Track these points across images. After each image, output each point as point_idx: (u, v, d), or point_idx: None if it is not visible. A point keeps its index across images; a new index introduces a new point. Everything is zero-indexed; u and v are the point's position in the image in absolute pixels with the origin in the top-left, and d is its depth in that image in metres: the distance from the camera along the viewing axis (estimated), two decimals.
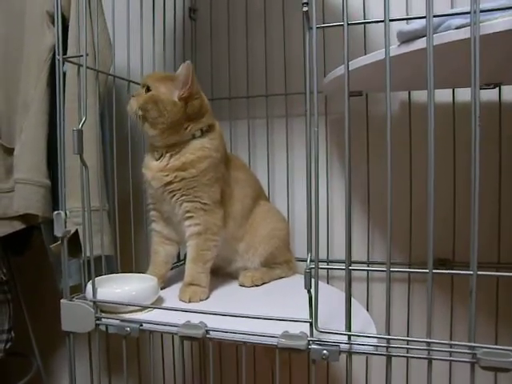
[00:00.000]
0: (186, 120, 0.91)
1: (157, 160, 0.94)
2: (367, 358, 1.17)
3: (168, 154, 0.93)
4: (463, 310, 1.15)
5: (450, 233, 1.11)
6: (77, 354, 0.83)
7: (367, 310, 1.17)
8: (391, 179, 0.60)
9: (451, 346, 0.60)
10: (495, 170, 1.07)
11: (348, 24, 0.61)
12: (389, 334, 0.63)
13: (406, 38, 0.71)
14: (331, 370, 1.24)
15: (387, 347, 0.63)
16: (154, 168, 0.93)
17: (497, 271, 1.07)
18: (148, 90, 0.90)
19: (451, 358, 0.60)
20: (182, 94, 0.89)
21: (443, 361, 0.62)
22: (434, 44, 0.58)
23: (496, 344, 1.08)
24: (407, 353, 0.62)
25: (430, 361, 0.61)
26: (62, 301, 0.81)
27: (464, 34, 0.61)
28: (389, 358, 0.63)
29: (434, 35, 0.62)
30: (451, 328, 1.14)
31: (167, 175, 0.91)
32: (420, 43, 0.69)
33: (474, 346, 0.58)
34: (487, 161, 1.06)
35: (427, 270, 0.60)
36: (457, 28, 0.64)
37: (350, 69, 0.62)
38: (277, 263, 1.06)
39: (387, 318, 0.63)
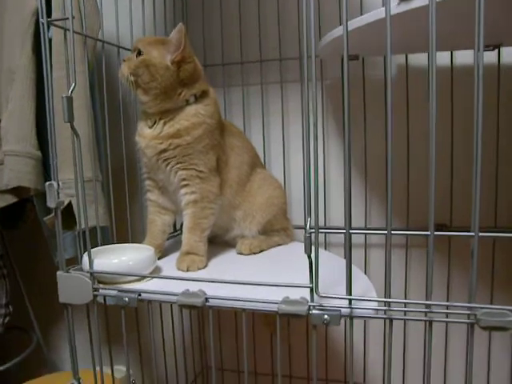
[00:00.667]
0: (179, 85, 0.89)
1: (150, 127, 0.92)
2: (365, 321, 1.18)
3: (162, 121, 0.90)
4: (460, 272, 1.16)
5: (448, 198, 1.11)
6: (76, 326, 0.82)
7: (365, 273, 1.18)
8: (391, 146, 0.59)
9: (447, 307, 0.60)
10: (493, 134, 1.06)
11: None
12: (389, 298, 0.63)
13: None
14: (329, 332, 1.25)
15: (387, 310, 0.63)
16: (147, 136, 0.91)
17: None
18: (139, 54, 0.87)
19: (451, 319, 0.60)
20: (175, 58, 0.86)
21: (443, 322, 0.62)
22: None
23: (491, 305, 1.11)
24: (405, 315, 0.62)
25: (429, 322, 0.61)
26: (58, 273, 0.80)
27: None
28: (390, 321, 0.63)
29: None
30: (448, 290, 1.16)
31: (161, 143, 0.89)
32: (421, 1, 0.66)
33: (474, 307, 0.58)
34: (485, 124, 1.04)
35: (428, 233, 0.59)
36: None
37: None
38: (274, 231, 1.05)
39: (387, 281, 0.62)
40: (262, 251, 1.01)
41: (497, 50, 1.04)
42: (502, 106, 1.06)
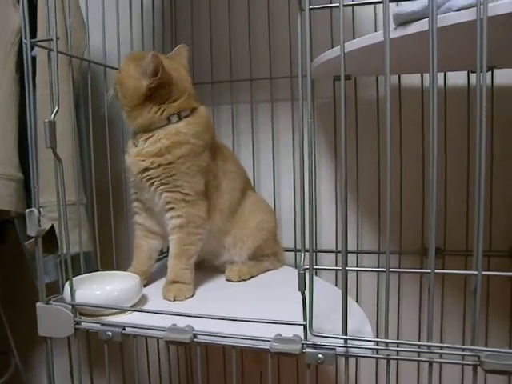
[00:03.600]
0: (153, 104, 0.87)
1: (136, 146, 0.90)
2: (356, 360, 1.15)
3: (143, 139, 0.89)
4: (453, 302, 1.13)
5: (441, 221, 1.09)
6: (55, 350, 0.79)
7: (356, 300, 1.15)
8: (390, 169, 0.56)
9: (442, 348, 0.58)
10: (487, 155, 1.04)
11: (344, 5, 0.56)
12: (387, 337, 0.60)
13: (403, 20, 0.66)
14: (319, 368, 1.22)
15: (385, 350, 0.60)
16: (132, 153, 0.90)
17: (488, 259, 1.06)
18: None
19: (454, 361, 0.58)
20: (151, 84, 0.84)
21: (445, 363, 0.59)
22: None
23: (486, 335, 1.08)
24: (398, 355, 0.60)
25: (430, 364, 0.59)
26: (37, 304, 0.76)
27: (467, 16, 0.57)
28: (388, 361, 0.60)
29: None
30: (442, 323, 1.13)
31: (143, 160, 0.87)
32: (418, 26, 0.65)
33: (478, 350, 0.56)
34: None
35: (429, 271, 0.57)
36: (458, 10, 0.60)
37: (339, 53, 0.58)
38: (264, 255, 1.02)
39: (386, 322, 0.60)
40: (251, 277, 0.98)
41: (490, 72, 1.03)
42: (496, 127, 1.04)
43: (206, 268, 1.01)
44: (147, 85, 0.84)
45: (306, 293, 0.61)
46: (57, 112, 0.72)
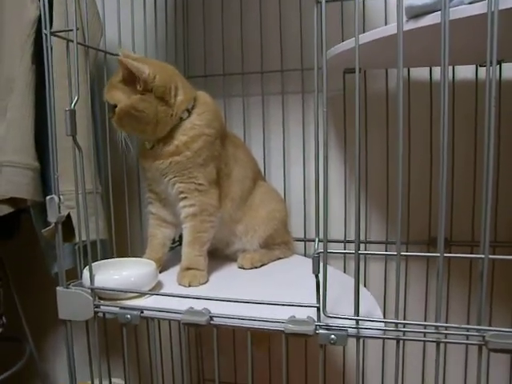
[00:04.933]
0: (166, 105, 0.85)
1: (150, 149, 0.90)
2: (364, 340, 1.17)
3: (161, 143, 0.88)
4: (459, 283, 1.15)
5: (448, 212, 1.11)
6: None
7: (364, 286, 1.17)
8: (402, 163, 0.58)
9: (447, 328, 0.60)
10: (494, 149, 1.06)
11: None
12: (397, 318, 0.62)
13: (415, 13, 0.68)
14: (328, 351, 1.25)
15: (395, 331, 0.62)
16: (148, 157, 0.90)
17: (493, 250, 1.08)
18: (114, 106, 0.85)
19: (461, 341, 0.60)
20: (140, 87, 0.82)
21: (453, 343, 0.61)
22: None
23: (490, 320, 1.10)
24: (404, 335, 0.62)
25: (438, 343, 0.61)
26: (58, 288, 0.78)
27: (479, 9, 0.59)
28: (397, 341, 0.62)
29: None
30: (447, 306, 1.15)
31: (162, 163, 0.88)
32: (430, 19, 0.66)
33: (484, 329, 0.58)
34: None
35: (438, 254, 0.59)
36: (470, 3, 0.61)
37: (351, 46, 0.60)
38: (276, 244, 1.04)
39: (396, 303, 0.62)
40: (263, 265, 1.00)
41: (498, 66, 1.04)
42: (503, 120, 1.06)
43: (218, 257, 1.03)
44: (139, 90, 0.82)
45: (320, 276, 0.63)
46: (77, 101, 0.74)
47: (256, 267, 0.98)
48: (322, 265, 0.62)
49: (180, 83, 0.89)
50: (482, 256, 0.58)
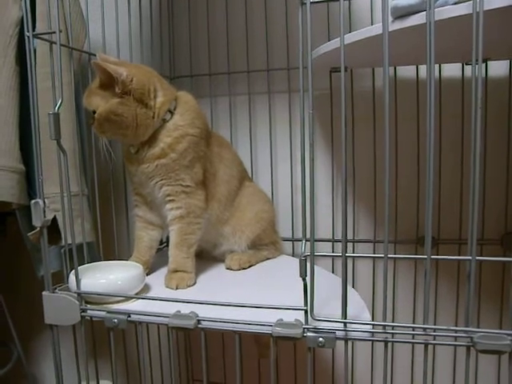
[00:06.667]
0: (145, 108, 0.84)
1: (136, 153, 0.89)
2: (353, 343, 1.18)
3: (146, 146, 0.87)
4: (447, 287, 1.16)
5: (435, 211, 1.11)
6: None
7: (352, 286, 1.18)
8: (389, 160, 0.58)
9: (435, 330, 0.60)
10: (481, 147, 1.07)
11: None
12: (385, 321, 0.62)
13: (401, 13, 0.67)
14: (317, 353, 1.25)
15: (383, 333, 0.62)
16: (133, 161, 0.89)
17: (481, 247, 1.09)
18: (93, 112, 0.83)
19: (450, 343, 0.60)
20: (118, 90, 0.80)
21: (441, 345, 0.61)
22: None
23: (478, 319, 1.11)
24: (393, 337, 0.62)
25: (426, 345, 0.61)
26: (44, 293, 0.77)
27: (465, 9, 0.59)
28: (386, 343, 0.62)
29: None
30: (435, 310, 1.16)
31: (148, 166, 0.87)
32: (415, 19, 0.66)
33: (472, 331, 0.58)
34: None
35: (425, 256, 0.59)
36: (455, 3, 0.62)
37: (337, 46, 0.60)
38: (263, 245, 1.04)
39: (384, 305, 0.62)
40: (251, 266, 0.99)
41: (484, 64, 1.05)
42: (490, 119, 1.06)
43: (206, 258, 1.03)
44: (118, 93, 0.80)
45: (307, 279, 0.63)
46: (61, 104, 0.73)
47: (244, 268, 0.98)
48: (309, 266, 0.62)
49: (159, 84, 0.87)
50: (469, 258, 0.58)
